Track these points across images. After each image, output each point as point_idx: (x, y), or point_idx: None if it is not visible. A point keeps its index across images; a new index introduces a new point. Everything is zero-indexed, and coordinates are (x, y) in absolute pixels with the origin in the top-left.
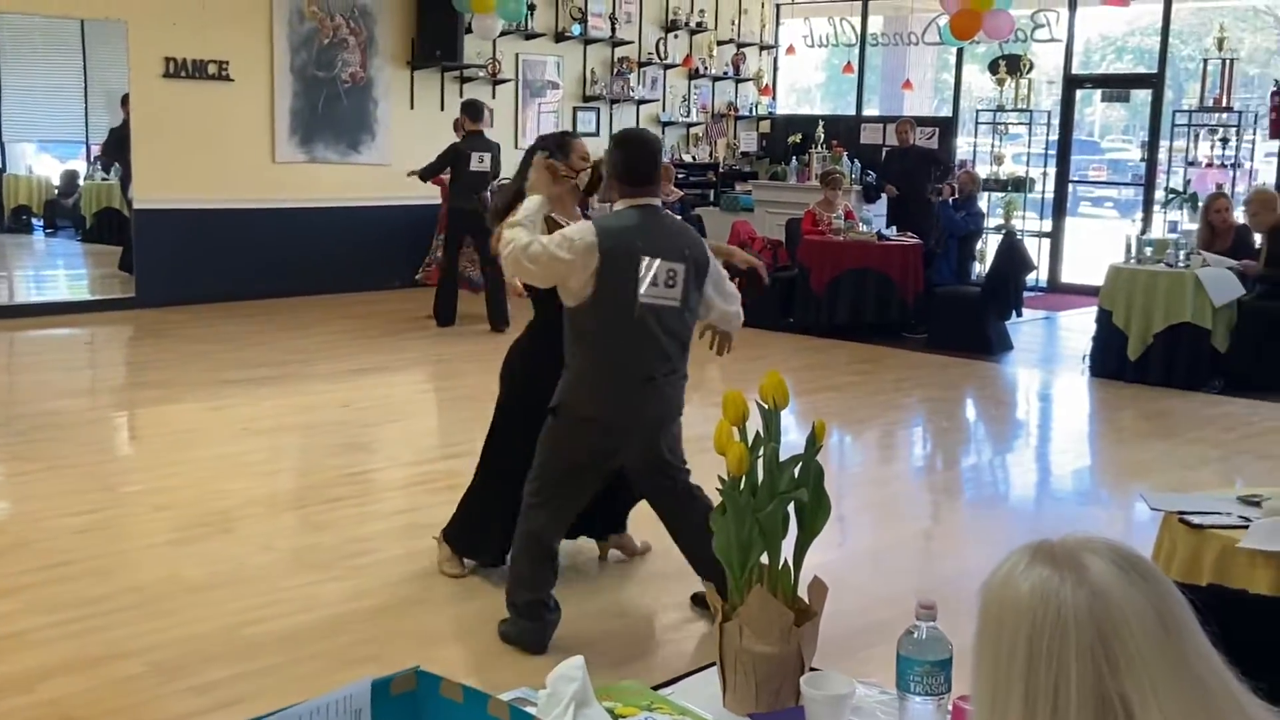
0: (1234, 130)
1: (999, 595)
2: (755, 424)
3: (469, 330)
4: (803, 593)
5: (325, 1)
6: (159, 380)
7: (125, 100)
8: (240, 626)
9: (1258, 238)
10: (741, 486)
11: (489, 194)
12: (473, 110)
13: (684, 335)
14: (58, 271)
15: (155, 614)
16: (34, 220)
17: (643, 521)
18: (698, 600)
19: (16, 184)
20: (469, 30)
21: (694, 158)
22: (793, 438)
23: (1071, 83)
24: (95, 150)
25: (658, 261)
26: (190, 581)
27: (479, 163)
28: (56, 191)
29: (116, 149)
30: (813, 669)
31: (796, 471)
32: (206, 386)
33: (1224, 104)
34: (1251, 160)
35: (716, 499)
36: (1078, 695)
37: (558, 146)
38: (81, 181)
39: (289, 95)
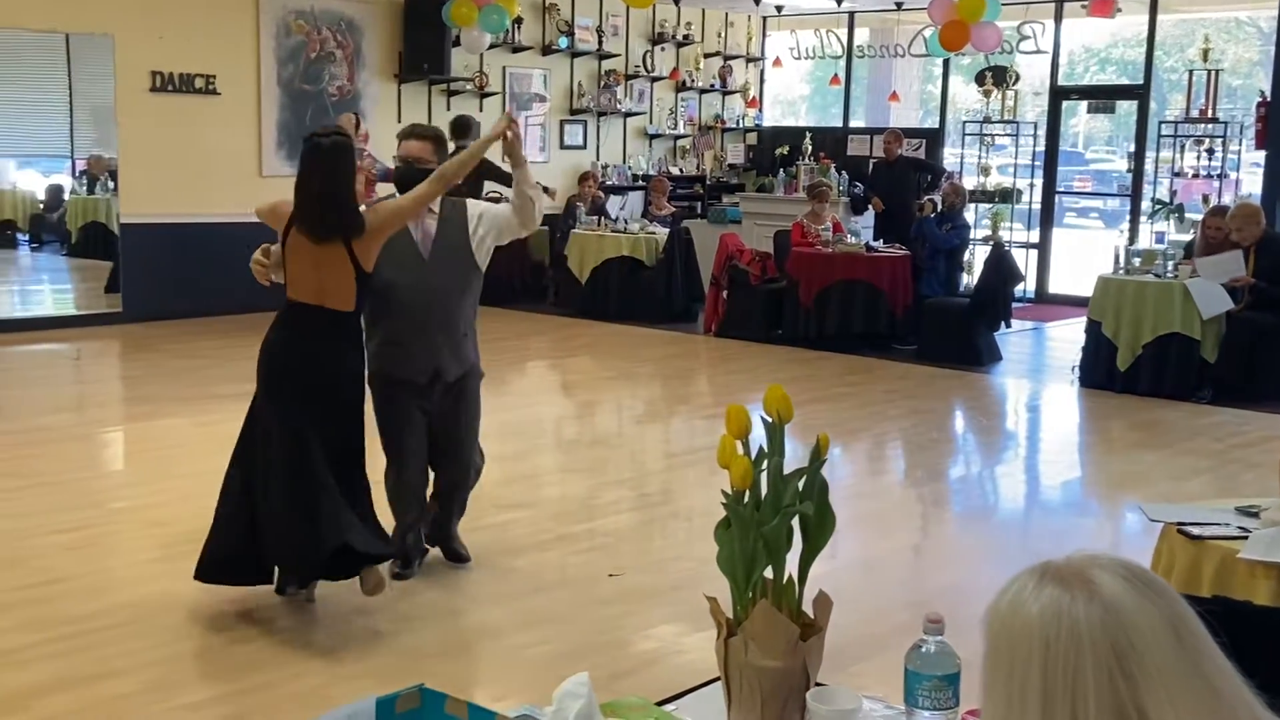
0: (1220, 141)
1: (1008, 619)
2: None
3: None
4: (807, 607)
5: (312, 15)
6: (147, 395)
7: None
8: (233, 643)
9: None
10: (745, 501)
11: None
12: (462, 127)
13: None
14: (43, 286)
15: (147, 631)
16: (19, 235)
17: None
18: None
19: (1, 199)
20: (456, 43)
21: (681, 170)
22: (785, 450)
23: (1057, 94)
24: (80, 165)
25: None
26: (181, 598)
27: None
28: (42, 206)
29: None
30: (818, 684)
31: (800, 485)
32: (194, 401)
33: (1209, 115)
34: (1237, 171)
35: (720, 513)
36: (1096, 712)
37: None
38: (67, 196)
39: (276, 109)
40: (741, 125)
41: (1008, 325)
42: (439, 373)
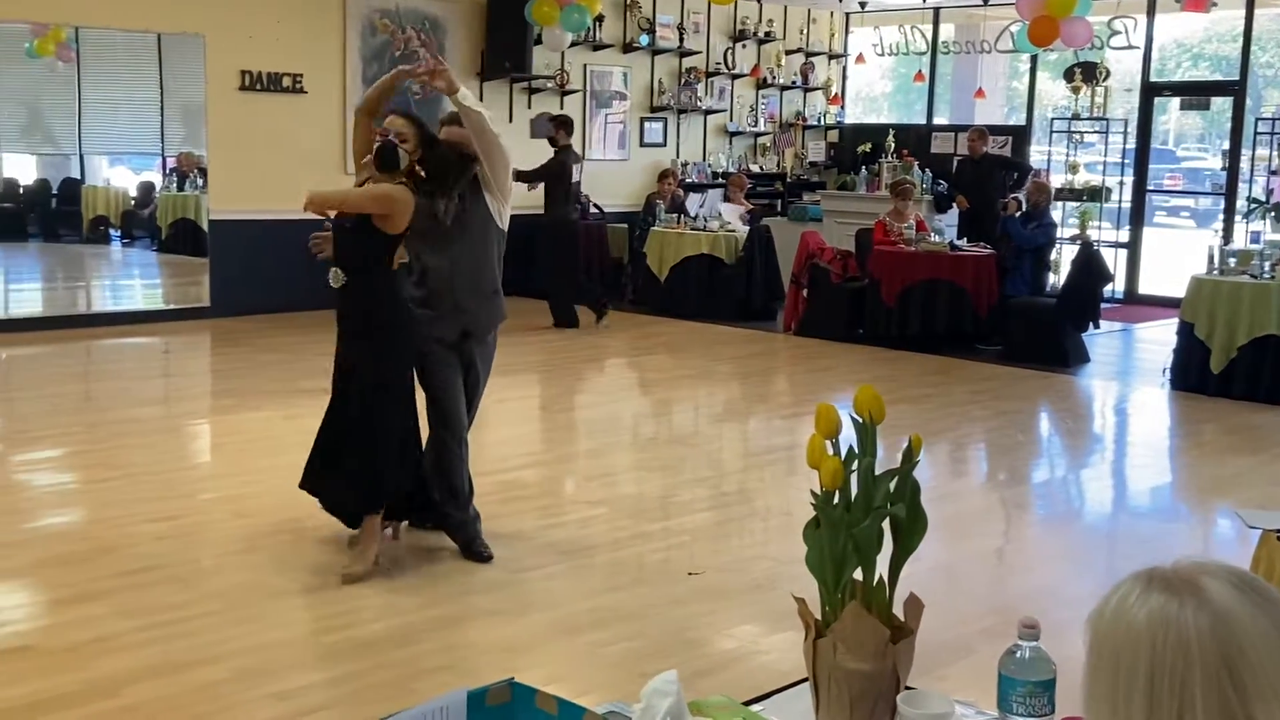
0: None
1: (1113, 626)
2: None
3: (536, 339)
4: (898, 610)
5: (397, 14)
6: (234, 388)
7: None
8: (319, 634)
9: None
10: (835, 501)
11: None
12: (568, 124)
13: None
14: (134, 281)
15: (236, 620)
16: (111, 231)
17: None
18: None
19: (95, 195)
20: (538, 42)
21: (762, 168)
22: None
23: (1149, 90)
24: (171, 162)
25: None
26: (270, 588)
27: (578, 174)
28: (133, 202)
29: None
30: (908, 688)
31: (892, 486)
32: (280, 395)
33: None
34: None
35: (800, 513)
36: None
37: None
38: (157, 193)
39: None
40: (823, 122)
41: (1096, 326)
42: (467, 333)
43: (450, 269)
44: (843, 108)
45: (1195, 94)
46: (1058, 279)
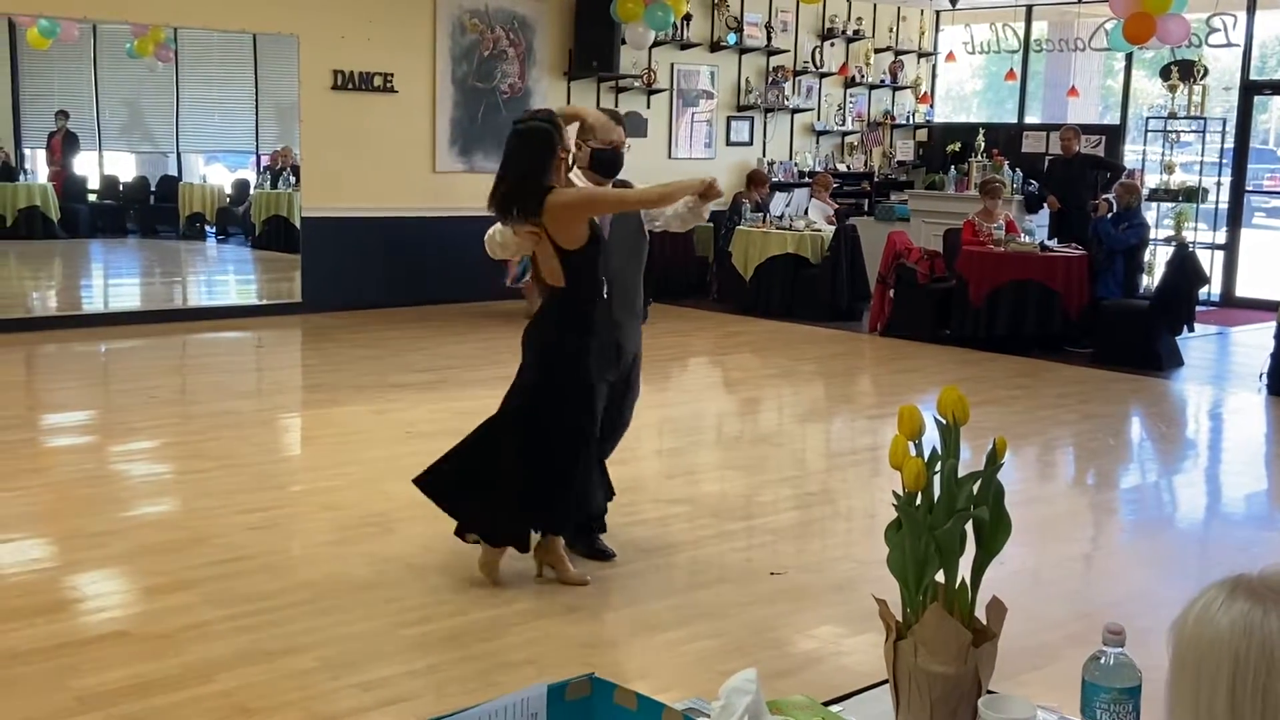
0: None
1: (1195, 632)
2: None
3: None
4: (980, 613)
5: (486, 14)
6: (325, 383)
7: None
8: (403, 626)
9: None
10: (918, 502)
11: None
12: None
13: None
14: (228, 277)
15: (324, 610)
16: (207, 227)
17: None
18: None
19: (191, 192)
20: (624, 41)
21: (849, 167)
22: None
23: (1248, 88)
24: (265, 160)
25: None
26: (356, 580)
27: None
28: (228, 200)
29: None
30: (989, 692)
31: (975, 488)
32: (370, 390)
33: None
34: None
35: (883, 515)
36: None
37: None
38: (252, 190)
39: (450, 106)
40: (912, 121)
41: (1190, 329)
42: (621, 349)
43: (609, 285)
44: (931, 106)
45: None
46: (1151, 281)
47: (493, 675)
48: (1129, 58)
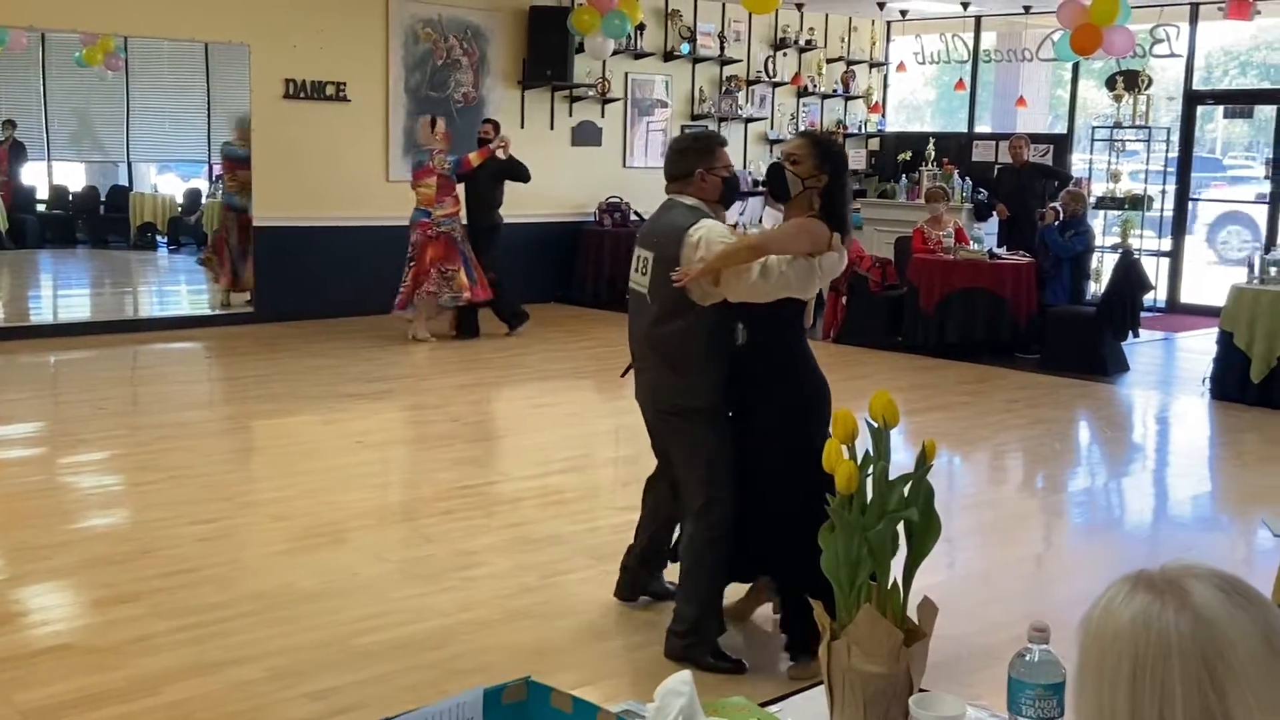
0: None
1: (1100, 625)
2: (864, 443)
3: (576, 347)
4: (912, 613)
5: (439, 23)
6: (276, 394)
7: None
8: (353, 635)
9: None
10: (850, 505)
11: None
12: (498, 126)
13: (648, 324)
14: (180, 287)
15: (273, 621)
16: (158, 237)
17: None
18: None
19: (142, 202)
20: (579, 50)
21: None
22: (901, 457)
23: (1192, 99)
24: (217, 169)
25: (639, 250)
26: (306, 591)
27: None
28: (180, 209)
29: None
30: (921, 690)
31: (906, 491)
32: (321, 400)
33: None
34: None
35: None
36: None
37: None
38: (204, 200)
39: (403, 115)
40: (864, 131)
41: (1136, 335)
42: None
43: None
44: (883, 116)
45: (1238, 102)
46: (1098, 288)
47: (442, 684)
48: (1076, 68)
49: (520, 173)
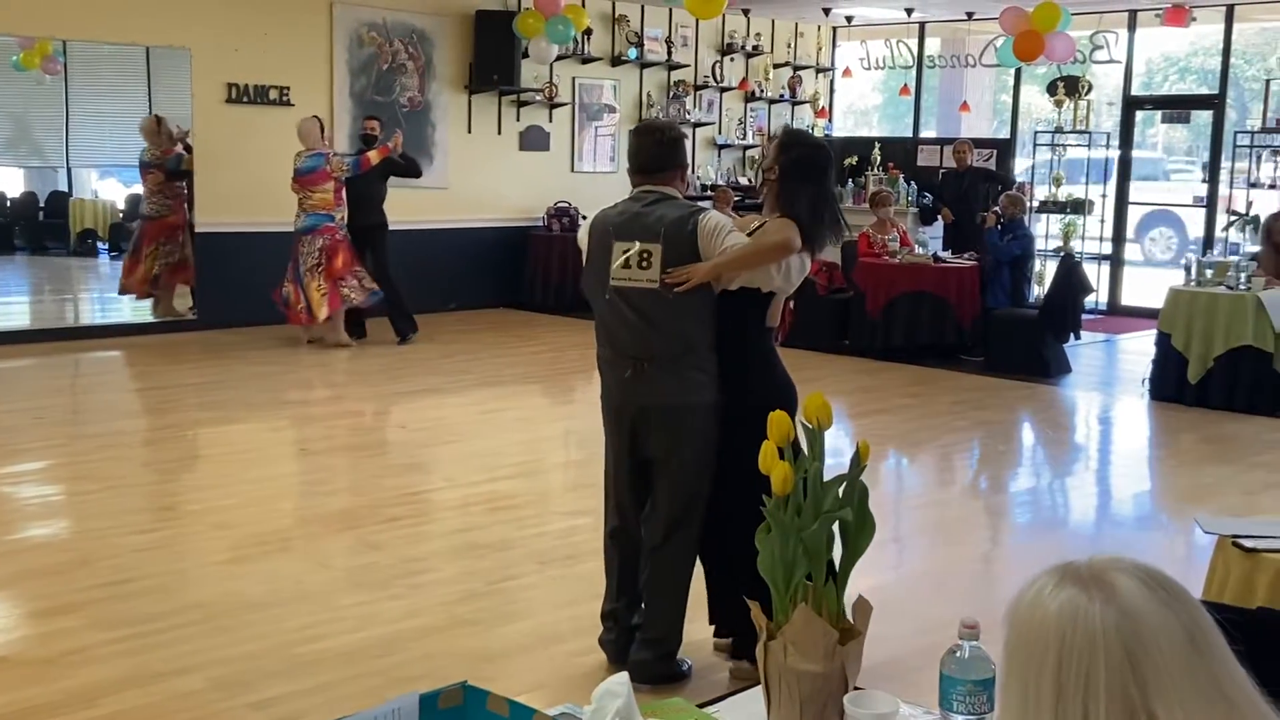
0: None
1: (1026, 617)
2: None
3: (525, 352)
4: (848, 612)
5: (384, 27)
6: (219, 401)
7: None
8: (297, 644)
9: None
10: (786, 506)
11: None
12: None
13: (666, 319)
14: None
15: (214, 631)
16: (99, 244)
17: None
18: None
19: (82, 208)
20: (526, 55)
21: (750, 180)
22: (844, 459)
23: (1131, 104)
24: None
25: (635, 244)
26: (248, 599)
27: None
28: (121, 215)
29: None
30: (856, 688)
31: (841, 491)
32: (265, 407)
33: None
34: None
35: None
36: (1108, 713)
37: None
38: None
39: (348, 119)
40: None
41: (1077, 337)
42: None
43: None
44: (830, 121)
45: (1175, 108)
46: (1040, 290)
47: (387, 692)
48: (1018, 73)
49: (413, 169)
